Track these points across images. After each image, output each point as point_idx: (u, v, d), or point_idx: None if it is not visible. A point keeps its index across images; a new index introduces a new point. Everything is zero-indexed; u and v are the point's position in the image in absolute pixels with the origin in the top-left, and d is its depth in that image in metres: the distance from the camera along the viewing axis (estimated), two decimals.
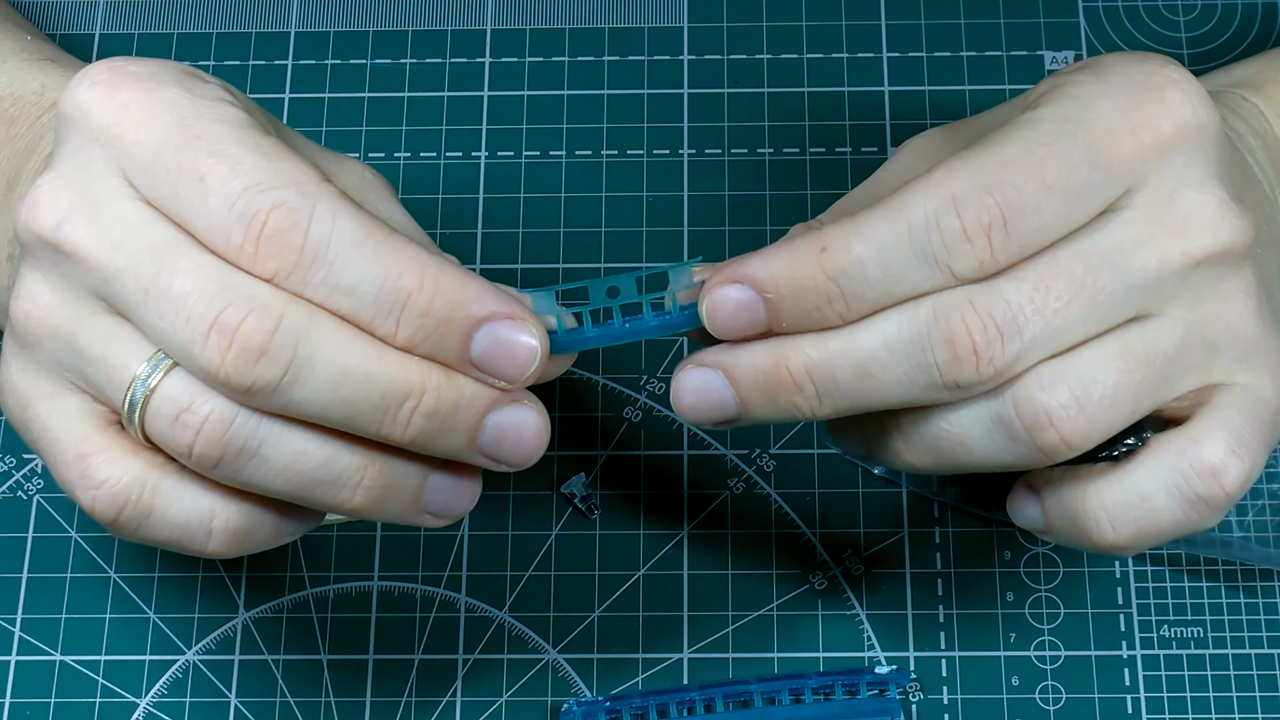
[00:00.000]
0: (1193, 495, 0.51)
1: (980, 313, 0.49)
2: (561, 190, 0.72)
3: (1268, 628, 0.64)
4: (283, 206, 0.48)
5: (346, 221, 0.48)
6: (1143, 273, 0.50)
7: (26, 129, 0.60)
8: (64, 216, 0.50)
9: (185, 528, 0.51)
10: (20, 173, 0.59)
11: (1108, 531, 0.52)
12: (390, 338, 0.49)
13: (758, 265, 0.50)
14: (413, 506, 0.52)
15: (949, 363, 0.49)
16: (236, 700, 0.63)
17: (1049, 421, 0.50)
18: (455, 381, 0.50)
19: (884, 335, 0.50)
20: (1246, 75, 0.61)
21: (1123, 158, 0.50)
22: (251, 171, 0.49)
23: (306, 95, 0.74)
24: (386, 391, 0.49)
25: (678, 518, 0.66)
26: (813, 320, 0.50)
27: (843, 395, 0.51)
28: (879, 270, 0.49)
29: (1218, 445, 0.51)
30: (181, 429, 0.49)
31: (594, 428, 0.68)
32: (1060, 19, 0.75)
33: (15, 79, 0.62)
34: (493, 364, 0.50)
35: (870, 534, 0.66)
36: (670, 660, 0.64)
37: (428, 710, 0.63)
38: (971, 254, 0.49)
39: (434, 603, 0.65)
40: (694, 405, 0.52)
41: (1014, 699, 0.63)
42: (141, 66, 0.51)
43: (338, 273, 0.48)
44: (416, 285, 0.48)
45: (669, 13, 0.76)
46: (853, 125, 0.73)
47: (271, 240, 0.48)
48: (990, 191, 0.49)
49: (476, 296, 0.49)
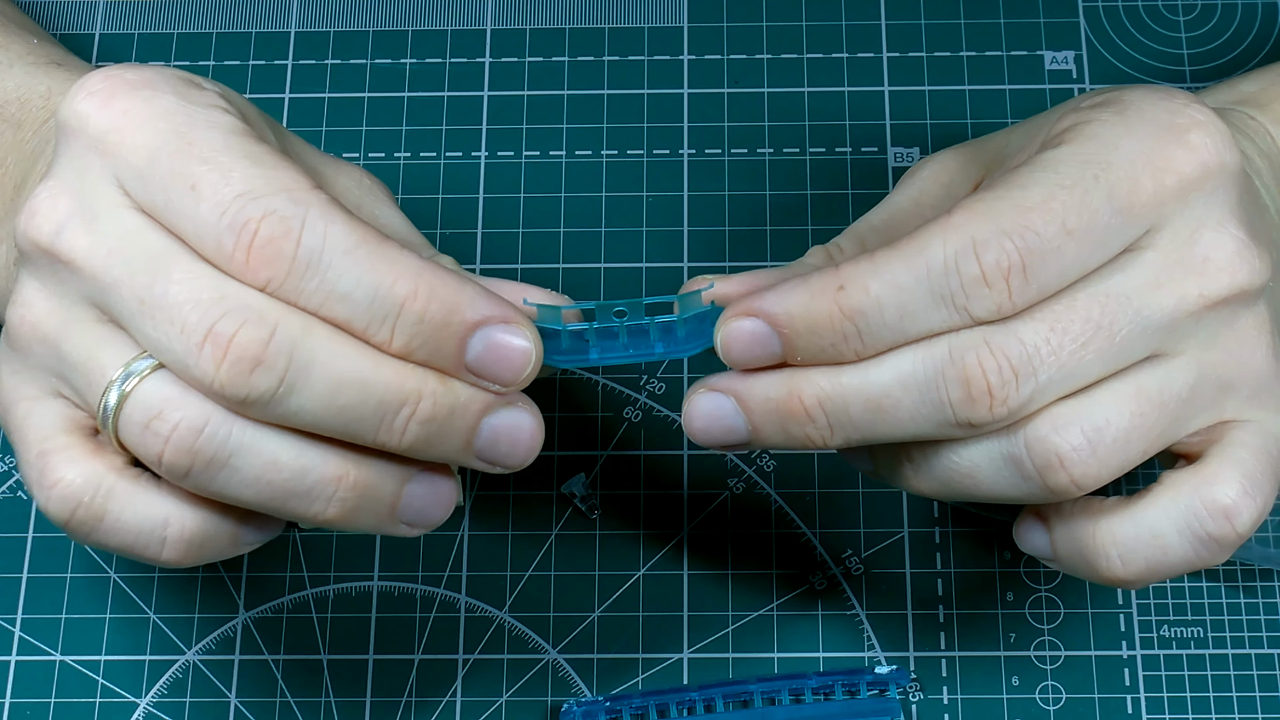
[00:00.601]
0: (1204, 535, 0.51)
1: (996, 354, 0.49)
2: (561, 190, 0.72)
3: (1268, 628, 0.64)
4: (274, 215, 0.48)
5: (338, 229, 0.48)
6: (1159, 314, 0.50)
7: (33, 133, 0.60)
8: (62, 224, 0.50)
9: (139, 534, 0.51)
10: (27, 177, 0.59)
11: (1117, 567, 0.52)
12: (385, 345, 0.49)
13: (774, 301, 0.50)
14: (387, 517, 0.51)
15: (962, 402, 0.49)
16: (236, 700, 0.63)
17: (1060, 464, 0.50)
18: (451, 387, 0.49)
19: (898, 372, 0.50)
20: (1252, 91, 0.61)
21: (1144, 200, 0.50)
22: (242, 179, 0.48)
23: (306, 95, 0.74)
24: (383, 399, 0.49)
25: (678, 518, 0.66)
26: (827, 356, 0.50)
27: (855, 428, 0.51)
28: (896, 311, 0.49)
29: (1231, 486, 0.51)
30: (151, 436, 0.49)
31: (594, 428, 0.68)
32: (1060, 19, 0.75)
33: (22, 83, 0.62)
34: (488, 368, 0.50)
35: (870, 534, 0.66)
36: (670, 660, 0.64)
37: (428, 710, 0.63)
38: (990, 298, 0.49)
39: (434, 603, 0.65)
40: (705, 429, 0.52)
41: (1014, 699, 0.63)
42: (138, 74, 0.51)
43: (331, 280, 0.48)
44: (410, 292, 0.48)
45: (669, 13, 0.76)
46: (853, 125, 0.73)
47: (263, 249, 0.48)
48: (1010, 236, 0.49)
49: (470, 301, 0.49)
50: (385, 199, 0.56)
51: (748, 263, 0.70)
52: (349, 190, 0.55)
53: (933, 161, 0.56)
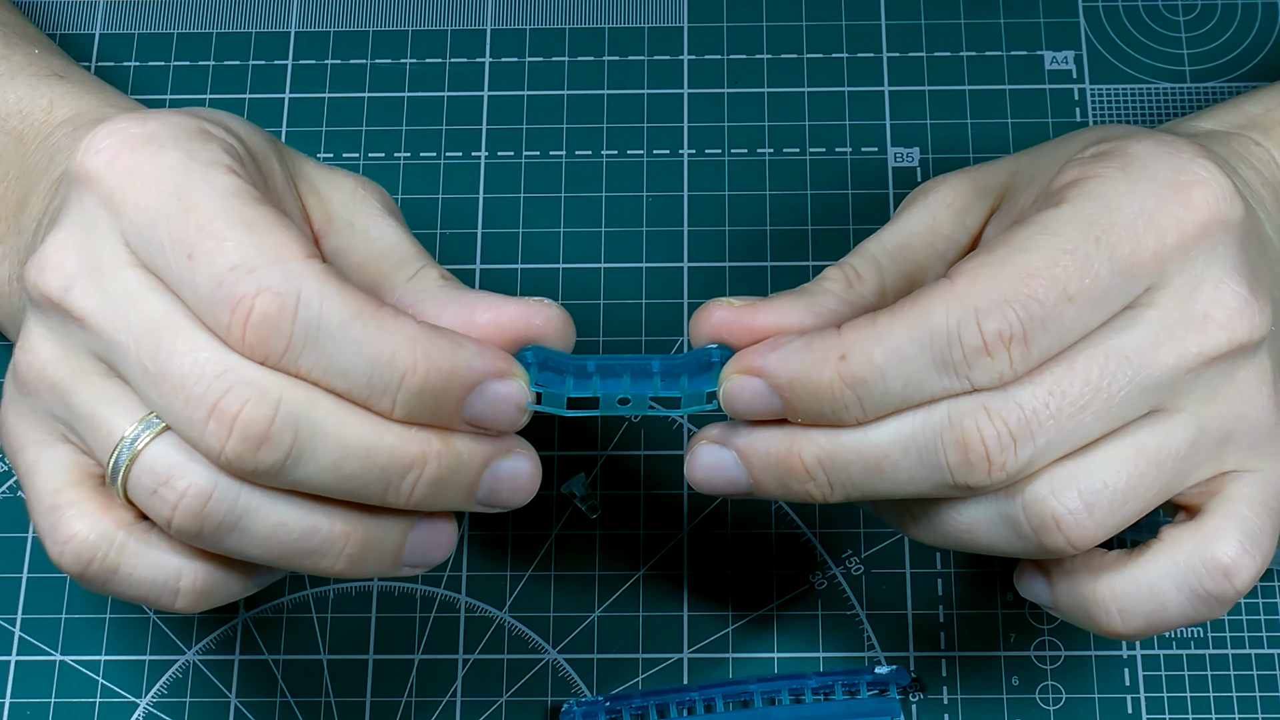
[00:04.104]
0: (1204, 592, 0.52)
1: (994, 419, 0.49)
2: (561, 190, 0.72)
3: (1268, 628, 0.64)
4: (268, 291, 0.48)
5: (334, 303, 0.48)
6: (1159, 373, 0.50)
7: (35, 147, 0.60)
8: (71, 281, 0.50)
9: (151, 586, 0.51)
10: (30, 193, 0.59)
11: (1117, 623, 0.52)
12: (387, 413, 0.49)
13: (776, 364, 0.51)
14: (391, 564, 0.52)
15: (960, 466, 0.50)
16: (236, 700, 0.63)
17: (1056, 526, 0.50)
18: (453, 446, 0.50)
19: (898, 434, 0.50)
20: (1256, 114, 0.61)
21: (1145, 260, 0.50)
22: (236, 249, 0.48)
23: (306, 95, 0.74)
24: (388, 465, 0.49)
25: (678, 518, 0.66)
26: (827, 420, 0.51)
27: (854, 486, 0.51)
28: (898, 379, 0.50)
29: (1230, 544, 0.51)
30: (160, 501, 0.50)
31: (594, 428, 0.68)
32: (1060, 19, 0.75)
33: (23, 95, 0.62)
34: (485, 420, 0.51)
35: (870, 534, 0.66)
36: (670, 660, 0.64)
37: (428, 710, 0.63)
38: (992, 367, 0.49)
39: (434, 603, 0.65)
40: (707, 480, 0.53)
41: (1014, 699, 0.63)
42: (144, 127, 0.51)
43: (330, 355, 0.48)
44: (410, 364, 0.49)
45: (669, 13, 0.76)
46: (852, 125, 0.73)
47: (259, 326, 0.48)
48: (1012, 305, 0.49)
49: (468, 362, 0.50)
50: (378, 209, 0.56)
51: (747, 262, 0.70)
52: (343, 208, 0.55)
53: (945, 186, 0.56)
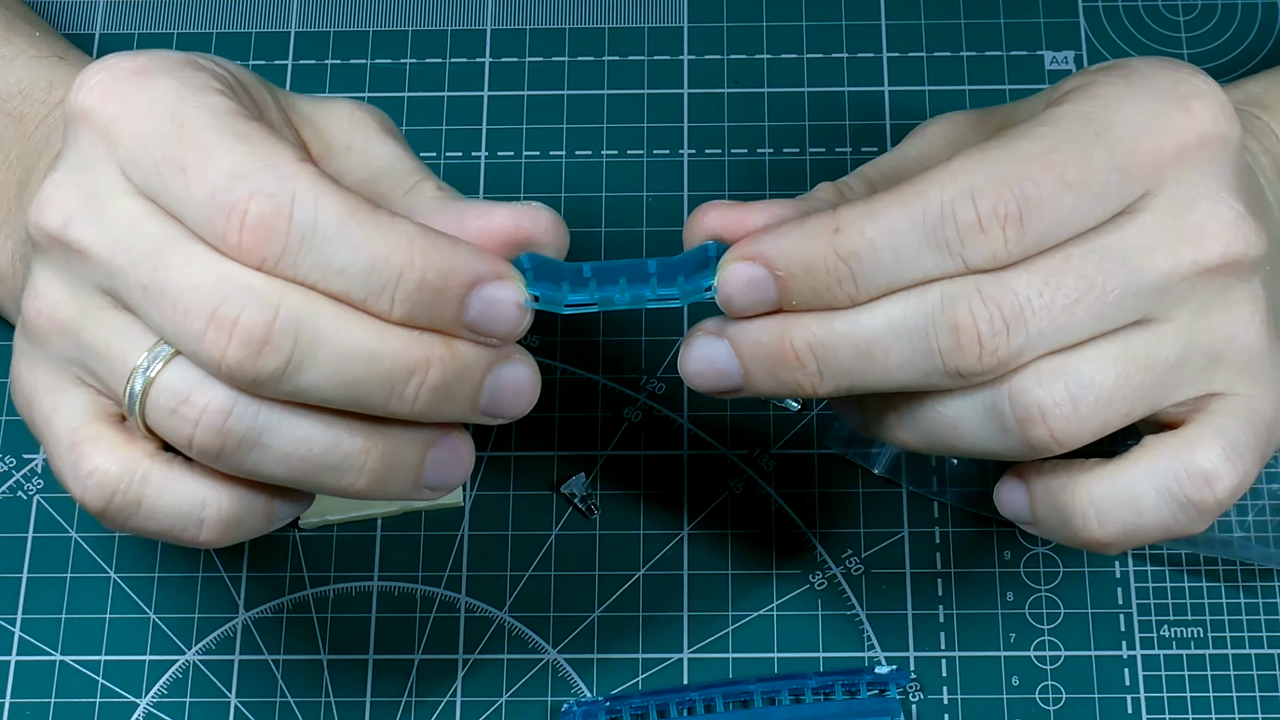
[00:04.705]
0: (1183, 498, 0.51)
1: (988, 303, 0.49)
2: (561, 190, 0.72)
3: (1268, 628, 0.64)
4: (262, 193, 0.48)
5: (328, 202, 0.48)
6: (1153, 277, 0.50)
7: (35, 127, 0.61)
8: (71, 214, 0.51)
9: (176, 517, 0.51)
10: (31, 173, 0.59)
11: (1094, 527, 0.52)
12: (386, 314, 0.49)
13: (770, 243, 0.50)
14: (413, 482, 0.52)
15: (952, 350, 0.49)
16: (236, 700, 0.63)
17: (1041, 417, 0.50)
18: (455, 350, 0.50)
19: (889, 318, 0.50)
20: (1257, 92, 0.61)
21: (1143, 161, 0.50)
22: (228, 158, 0.49)
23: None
24: (392, 369, 0.49)
25: (678, 518, 0.66)
26: (822, 300, 0.50)
27: (844, 374, 0.51)
28: (891, 254, 0.49)
29: (1212, 451, 0.51)
30: (180, 420, 0.49)
31: (594, 428, 0.68)
32: (1060, 19, 0.75)
33: (24, 77, 0.62)
34: (486, 325, 0.50)
35: (870, 534, 0.66)
36: (670, 660, 0.64)
37: (428, 710, 0.63)
38: (985, 244, 0.49)
39: (434, 603, 0.65)
40: (699, 373, 0.52)
41: (1014, 699, 0.63)
42: (134, 60, 0.52)
43: (327, 255, 0.48)
44: (408, 260, 0.48)
45: (669, 13, 0.76)
46: (853, 125, 0.73)
47: (255, 229, 0.48)
48: (1008, 185, 0.49)
49: (465, 262, 0.49)
50: (377, 130, 0.56)
51: None
52: (340, 133, 0.55)
53: (944, 119, 0.57)
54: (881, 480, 0.66)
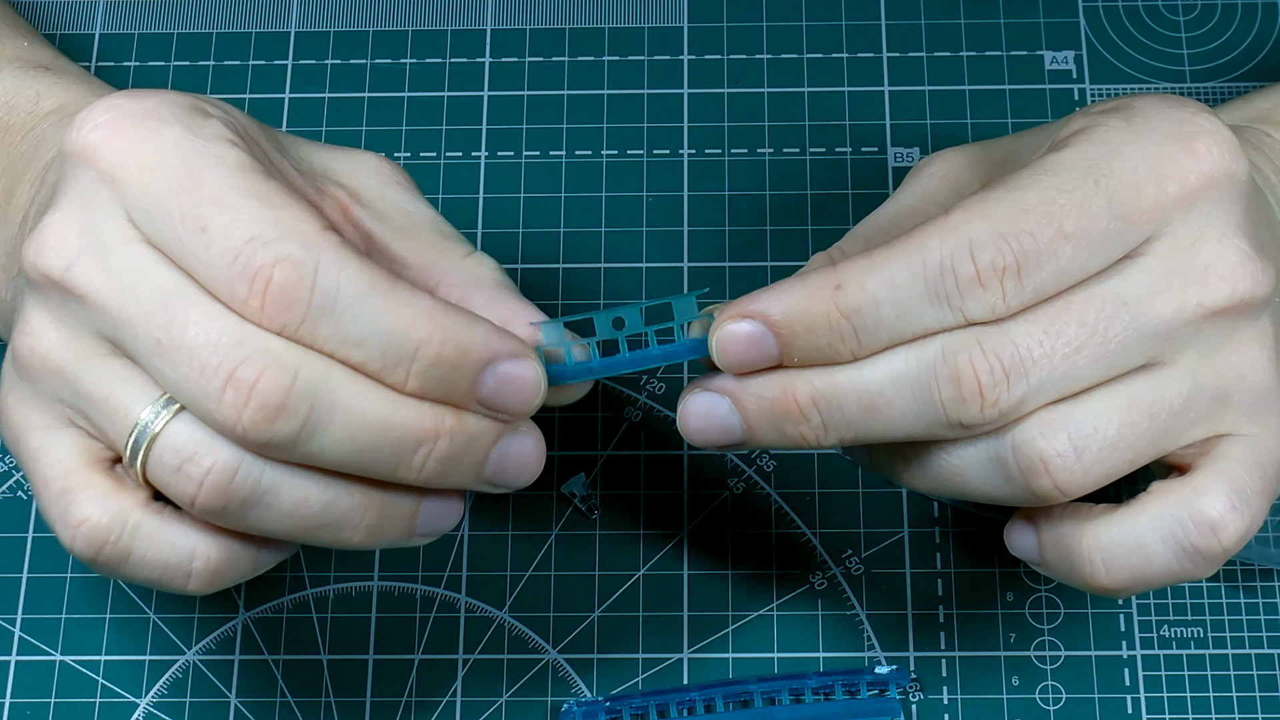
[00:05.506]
0: (1189, 547, 0.51)
1: (988, 354, 0.49)
2: (561, 190, 0.72)
3: (1268, 628, 0.64)
4: (286, 261, 0.48)
5: (351, 273, 0.48)
6: (1156, 322, 0.50)
7: (21, 138, 0.60)
8: (73, 258, 0.50)
9: (165, 568, 0.51)
10: (16, 185, 0.59)
11: (1101, 574, 0.52)
12: (400, 385, 0.49)
13: (770, 301, 0.50)
14: (407, 533, 0.52)
15: (954, 402, 0.49)
16: (236, 700, 0.63)
17: (1044, 469, 0.50)
18: (464, 423, 0.50)
19: (892, 371, 0.50)
20: (1266, 108, 0.61)
21: (1146, 208, 0.50)
22: (252, 222, 0.48)
23: (306, 95, 0.74)
24: (402, 439, 0.49)
25: (678, 518, 0.66)
26: (823, 356, 0.50)
27: (848, 426, 0.51)
28: (892, 309, 0.49)
29: (1219, 499, 0.51)
30: (184, 479, 0.49)
31: (594, 428, 0.68)
32: (1060, 19, 0.75)
33: (10, 87, 0.62)
34: (499, 401, 0.50)
35: (870, 534, 0.66)
36: (670, 660, 0.64)
37: (428, 710, 0.63)
38: (984, 299, 0.49)
39: (434, 603, 0.65)
40: (700, 430, 0.53)
41: (1014, 699, 0.63)
42: (142, 104, 0.51)
43: (346, 326, 0.48)
44: (426, 336, 0.49)
45: (669, 13, 0.76)
46: (853, 125, 0.73)
47: (278, 296, 0.48)
48: (1006, 238, 0.49)
49: (483, 339, 0.50)
50: (407, 187, 0.56)
51: (747, 262, 0.70)
52: (369, 182, 0.55)
53: (940, 159, 0.56)
54: (881, 480, 0.66)
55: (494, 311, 0.52)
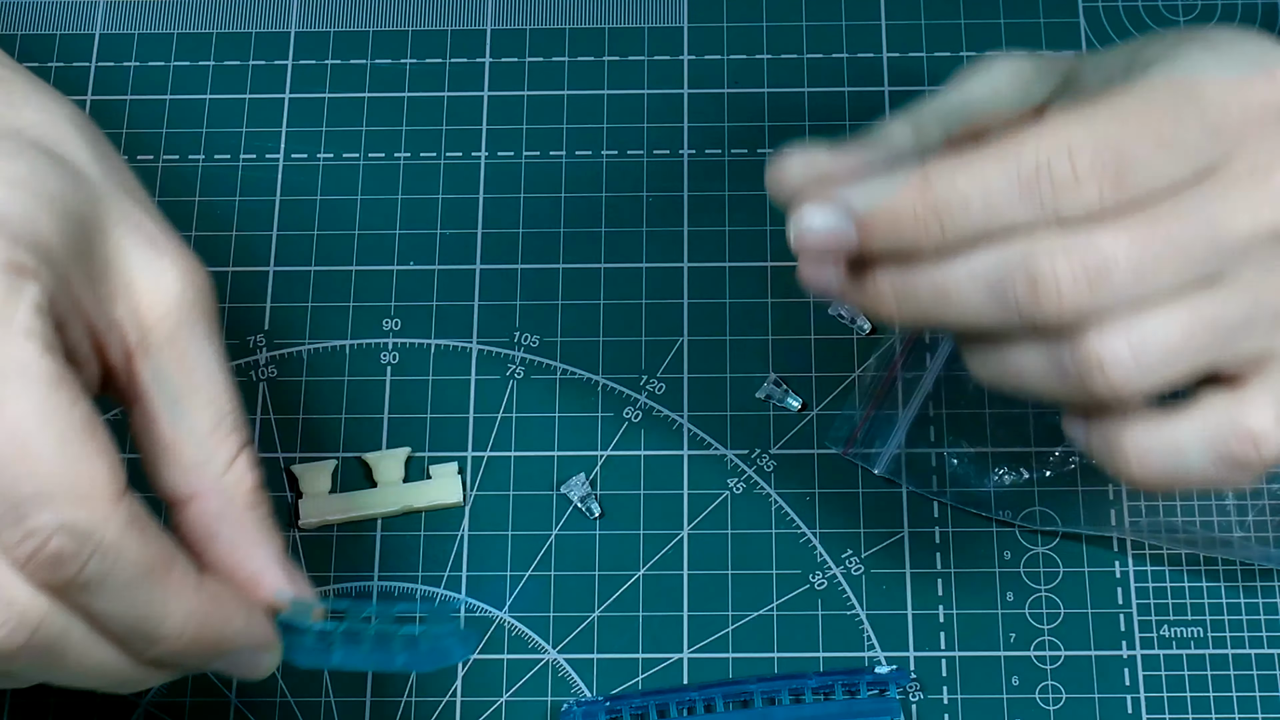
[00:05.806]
0: (1228, 455, 0.52)
1: (1072, 260, 0.50)
2: (561, 190, 0.72)
3: (1268, 628, 0.64)
4: (66, 532, 0.47)
5: (127, 560, 0.48)
6: (1233, 237, 0.51)
7: None
8: None
9: None
10: None
11: (1136, 470, 0.53)
12: (139, 656, 0.50)
13: (858, 193, 0.51)
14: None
15: (1030, 302, 0.50)
16: (236, 700, 0.63)
17: (1101, 368, 0.51)
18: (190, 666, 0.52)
19: (970, 265, 0.51)
20: None
21: (1231, 124, 0.51)
22: (38, 475, 0.47)
23: (306, 95, 0.74)
24: (125, 683, 0.51)
25: (678, 518, 0.66)
26: (906, 249, 0.51)
27: (920, 311, 0.52)
28: (982, 207, 0.50)
29: (1265, 412, 0.52)
30: None
31: (594, 428, 0.68)
32: (1060, 19, 0.75)
33: None
34: (228, 669, 0.52)
35: (870, 534, 0.66)
36: (670, 660, 0.64)
37: (428, 710, 0.63)
38: (1079, 199, 0.50)
39: (434, 603, 0.65)
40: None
41: (1014, 699, 0.63)
42: None
43: (105, 602, 0.48)
44: (176, 634, 0.50)
45: (669, 13, 0.76)
46: (853, 125, 0.73)
47: (48, 561, 0.47)
48: (1107, 142, 0.50)
49: (233, 636, 0.51)
50: (202, 326, 0.53)
51: (748, 262, 0.70)
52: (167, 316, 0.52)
53: (1004, 61, 0.57)
54: (881, 480, 0.66)
55: (236, 555, 0.52)
